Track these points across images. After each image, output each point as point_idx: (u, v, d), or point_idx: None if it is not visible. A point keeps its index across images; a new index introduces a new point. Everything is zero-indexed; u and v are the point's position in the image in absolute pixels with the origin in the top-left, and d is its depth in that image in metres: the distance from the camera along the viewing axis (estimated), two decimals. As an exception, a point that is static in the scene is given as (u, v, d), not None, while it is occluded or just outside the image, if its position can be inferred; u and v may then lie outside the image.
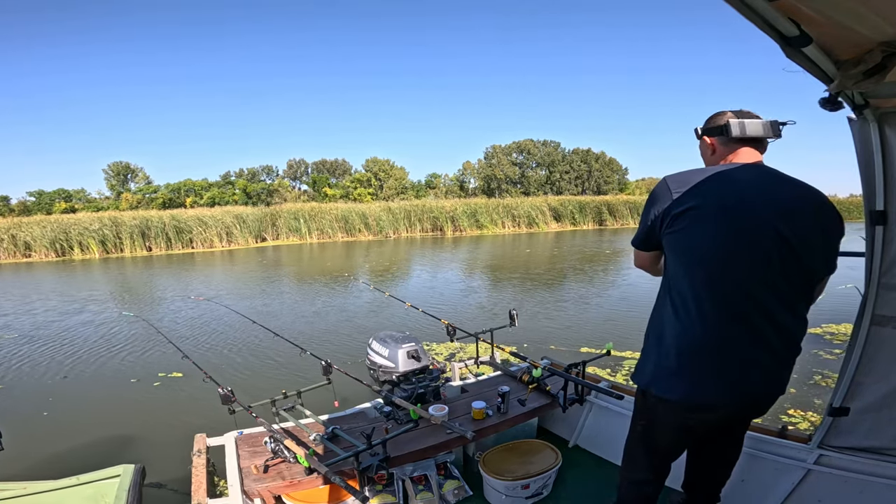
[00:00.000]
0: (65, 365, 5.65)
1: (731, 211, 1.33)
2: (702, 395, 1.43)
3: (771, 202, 1.34)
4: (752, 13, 1.01)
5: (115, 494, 2.00)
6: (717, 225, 1.33)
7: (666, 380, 1.46)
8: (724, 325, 1.37)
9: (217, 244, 21.73)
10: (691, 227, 1.35)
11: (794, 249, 1.34)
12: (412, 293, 9.78)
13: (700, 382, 1.41)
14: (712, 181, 1.36)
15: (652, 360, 1.50)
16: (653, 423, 1.59)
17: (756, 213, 1.33)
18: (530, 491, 2.40)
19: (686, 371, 1.42)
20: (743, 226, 1.33)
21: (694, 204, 1.34)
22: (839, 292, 6.37)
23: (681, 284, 1.41)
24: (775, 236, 1.33)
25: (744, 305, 1.36)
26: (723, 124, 1.45)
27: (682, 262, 1.40)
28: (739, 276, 1.34)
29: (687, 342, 1.40)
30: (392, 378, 2.75)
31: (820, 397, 4.12)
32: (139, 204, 41.73)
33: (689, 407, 1.46)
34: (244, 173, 50.19)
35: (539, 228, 29.16)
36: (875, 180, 1.69)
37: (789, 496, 2.04)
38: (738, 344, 1.38)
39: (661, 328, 1.47)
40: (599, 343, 5.84)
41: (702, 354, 1.39)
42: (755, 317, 1.36)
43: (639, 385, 1.57)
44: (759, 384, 1.44)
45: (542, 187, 49.37)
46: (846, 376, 1.88)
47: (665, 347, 1.45)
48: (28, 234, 18.87)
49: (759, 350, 1.39)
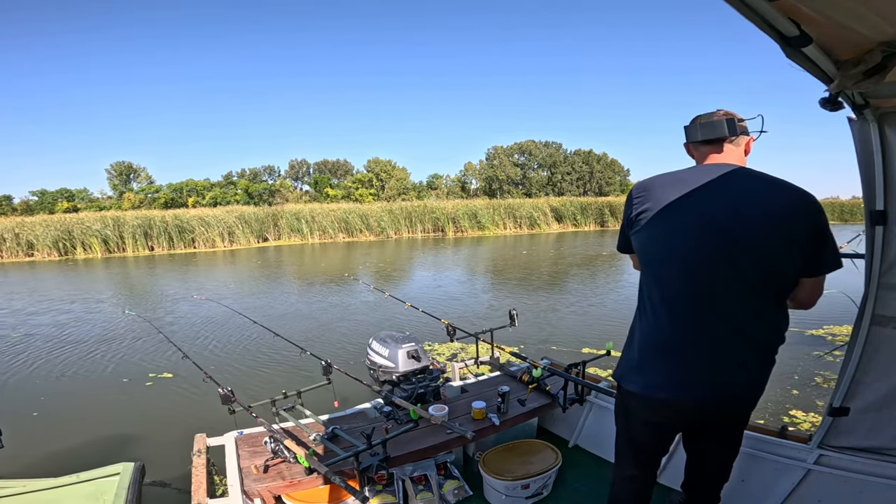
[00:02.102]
0: (63, 365, 5.66)
1: (671, 209, 1.36)
2: (654, 390, 1.48)
3: (715, 198, 1.33)
4: (752, 13, 1.01)
5: (115, 492, 2.01)
6: (659, 225, 1.39)
7: (630, 374, 1.55)
8: (678, 325, 1.40)
9: (219, 244, 21.76)
10: (643, 229, 1.44)
11: (744, 244, 1.29)
12: (412, 293, 9.78)
13: (653, 379, 1.47)
14: (666, 184, 1.41)
15: (624, 356, 1.60)
16: (627, 416, 1.65)
17: (697, 209, 1.34)
18: (530, 491, 2.40)
19: (644, 367, 1.49)
20: (681, 222, 1.35)
21: (645, 207, 1.42)
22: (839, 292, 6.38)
23: (643, 284, 1.50)
24: (718, 232, 1.30)
25: (695, 305, 1.36)
26: (687, 129, 1.50)
27: (641, 262, 1.50)
28: (685, 276, 1.36)
29: (645, 340, 1.48)
30: (392, 378, 2.75)
31: (820, 397, 4.11)
32: (141, 204, 41.80)
33: (647, 401, 1.52)
34: (246, 173, 50.25)
35: (541, 229, 29.15)
36: (875, 180, 1.69)
37: (789, 496, 2.04)
38: (693, 344, 1.39)
39: (632, 326, 1.58)
40: (599, 343, 5.84)
41: (657, 352, 1.46)
42: (709, 317, 1.36)
43: (614, 378, 1.66)
44: (715, 385, 1.41)
45: (544, 188, 49.32)
46: (846, 376, 1.87)
47: (632, 344, 1.55)
48: (31, 234, 18.92)
49: (715, 351, 1.38)
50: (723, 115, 1.45)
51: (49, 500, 2.02)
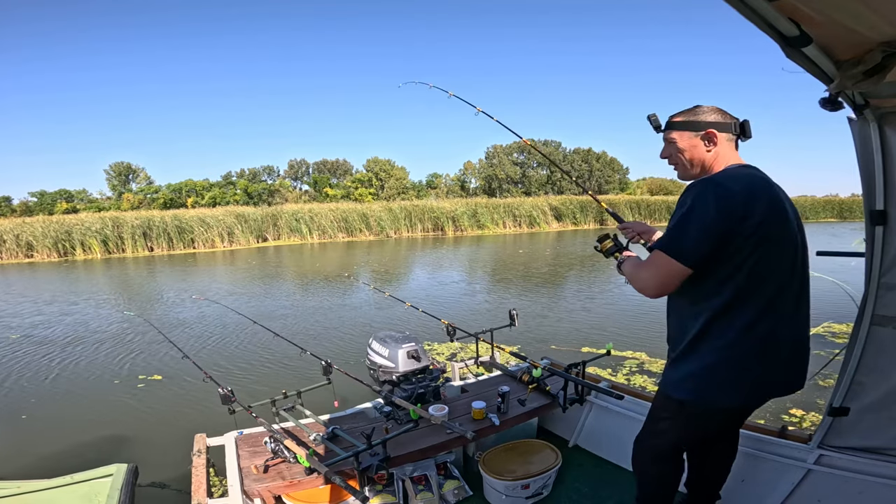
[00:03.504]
0: (60, 366, 5.65)
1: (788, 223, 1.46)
2: (734, 398, 1.54)
3: (795, 216, 1.48)
4: (752, 13, 1.01)
5: (108, 493, 2.01)
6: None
7: (713, 389, 1.57)
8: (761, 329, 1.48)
9: (218, 244, 21.75)
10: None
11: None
12: (412, 293, 9.78)
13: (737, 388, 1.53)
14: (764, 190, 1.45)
15: (701, 371, 1.62)
16: (687, 428, 1.70)
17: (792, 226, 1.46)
18: (530, 491, 2.40)
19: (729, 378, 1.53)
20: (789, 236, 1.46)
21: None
22: (839, 292, 6.39)
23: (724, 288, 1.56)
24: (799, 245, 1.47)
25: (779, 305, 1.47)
26: (733, 122, 1.48)
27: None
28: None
29: (731, 350, 1.52)
30: (392, 378, 2.75)
31: (820, 397, 4.11)
32: (141, 204, 41.79)
33: (723, 412, 1.59)
34: (245, 173, 50.26)
35: (540, 228, 29.14)
36: (875, 180, 1.69)
37: (789, 496, 2.04)
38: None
39: (701, 336, 1.59)
40: (599, 343, 5.84)
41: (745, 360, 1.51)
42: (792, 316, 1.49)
43: (688, 400, 1.61)
44: (786, 384, 1.55)
45: (543, 187, 49.35)
46: (846, 376, 1.87)
47: (709, 356, 1.58)
48: (30, 235, 18.89)
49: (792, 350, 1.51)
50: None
51: (43, 500, 2.02)
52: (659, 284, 1.43)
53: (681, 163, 1.54)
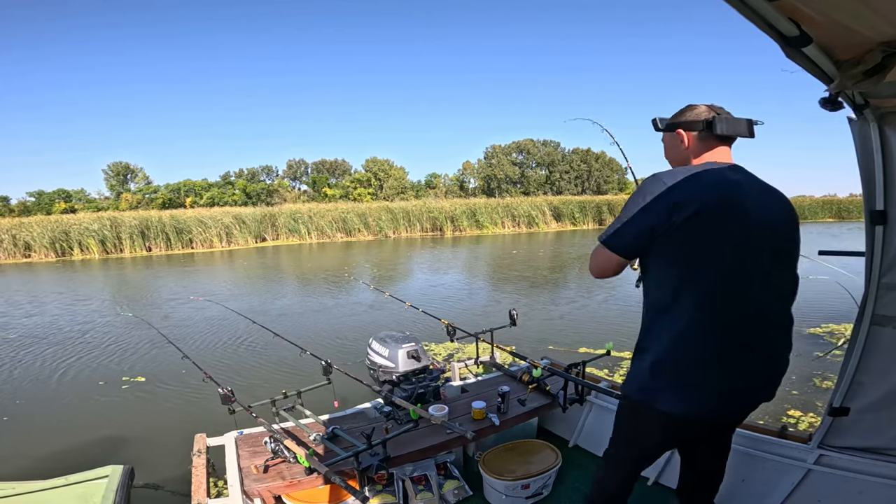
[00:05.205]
0: (61, 365, 5.64)
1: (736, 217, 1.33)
2: (696, 406, 1.46)
3: (764, 217, 1.35)
4: (752, 13, 1.01)
5: (103, 494, 2.01)
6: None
7: (662, 391, 1.51)
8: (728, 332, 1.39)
9: (217, 244, 21.72)
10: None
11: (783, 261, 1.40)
12: (412, 293, 9.77)
13: (695, 394, 1.45)
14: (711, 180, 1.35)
15: (646, 371, 1.58)
16: (649, 434, 1.62)
17: (754, 225, 1.33)
18: (530, 491, 2.40)
19: (685, 382, 1.46)
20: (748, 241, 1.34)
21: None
22: (840, 292, 6.39)
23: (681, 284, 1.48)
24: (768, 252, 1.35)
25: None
26: (705, 119, 1.41)
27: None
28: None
29: (687, 352, 1.45)
30: (392, 378, 2.74)
31: (820, 397, 4.12)
32: (139, 204, 41.76)
33: (684, 419, 1.49)
34: (244, 173, 50.24)
35: (539, 228, 29.15)
36: (875, 180, 1.69)
37: (789, 496, 2.04)
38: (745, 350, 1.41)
39: (651, 336, 1.55)
40: (599, 343, 5.84)
41: (700, 365, 1.41)
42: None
43: (633, 397, 1.61)
44: (754, 392, 1.48)
45: (542, 187, 49.41)
46: (846, 376, 1.87)
47: (662, 356, 1.52)
48: (28, 235, 18.86)
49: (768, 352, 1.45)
50: (724, 113, 1.43)
51: (38, 502, 2.02)
52: (595, 268, 1.56)
53: (668, 161, 1.58)
